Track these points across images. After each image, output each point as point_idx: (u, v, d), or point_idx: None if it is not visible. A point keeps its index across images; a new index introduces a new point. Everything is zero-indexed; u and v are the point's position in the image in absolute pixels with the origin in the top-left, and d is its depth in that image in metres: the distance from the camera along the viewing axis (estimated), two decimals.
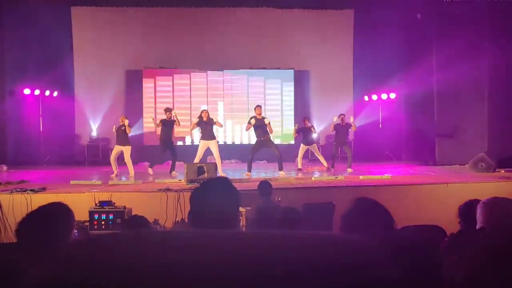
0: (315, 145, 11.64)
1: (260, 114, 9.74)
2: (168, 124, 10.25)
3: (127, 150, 10.15)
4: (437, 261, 1.89)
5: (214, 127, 10.15)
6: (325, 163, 11.17)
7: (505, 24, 10.65)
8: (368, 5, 13.74)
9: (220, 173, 9.64)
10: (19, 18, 12.73)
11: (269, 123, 9.68)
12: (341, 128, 10.96)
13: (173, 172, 10.01)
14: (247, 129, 9.99)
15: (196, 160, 9.67)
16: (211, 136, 9.97)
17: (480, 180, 8.31)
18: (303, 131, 11.19)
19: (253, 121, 9.62)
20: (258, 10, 14.43)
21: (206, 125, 9.96)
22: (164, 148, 10.33)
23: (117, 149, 10.18)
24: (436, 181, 8.18)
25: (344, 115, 11.19)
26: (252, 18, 14.44)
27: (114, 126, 10.40)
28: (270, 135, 9.87)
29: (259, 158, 14.06)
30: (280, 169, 9.71)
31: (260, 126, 9.66)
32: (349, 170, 10.32)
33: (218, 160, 9.79)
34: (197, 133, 11.84)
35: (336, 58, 14.83)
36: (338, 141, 11.05)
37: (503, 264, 1.13)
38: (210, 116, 10.19)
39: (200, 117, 10.00)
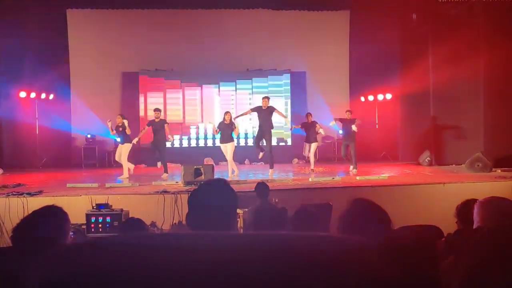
0: (314, 144, 11.13)
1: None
2: (156, 124, 10.09)
3: (126, 149, 9.97)
4: (434, 261, 1.89)
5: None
6: (312, 165, 10.97)
7: (500, 24, 10.68)
8: (364, 6, 13.76)
9: (236, 172, 9.88)
10: (15, 21, 12.67)
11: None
12: (347, 124, 10.71)
13: (163, 175, 9.86)
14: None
15: (229, 161, 9.92)
16: (229, 139, 10.02)
17: (477, 179, 8.35)
18: (304, 126, 11.02)
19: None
20: (254, 11, 14.44)
21: (226, 128, 9.99)
22: (153, 148, 10.21)
23: (119, 148, 10.08)
24: (433, 181, 8.20)
25: (350, 110, 11.02)
26: (249, 19, 14.44)
27: (110, 123, 10.12)
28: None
29: (255, 160, 14.07)
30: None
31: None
32: (355, 170, 10.38)
33: (230, 161, 9.96)
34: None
35: (332, 59, 14.84)
36: (346, 139, 10.81)
37: (500, 263, 1.13)
38: (232, 120, 10.20)
39: (223, 119, 10.03)
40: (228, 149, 9.95)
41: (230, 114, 10.12)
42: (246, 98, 14.69)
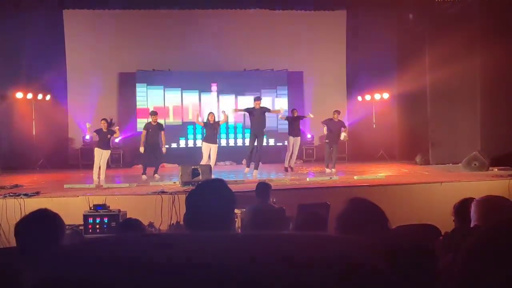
0: (298, 138, 11.02)
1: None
2: (154, 128, 10.16)
3: (107, 155, 10.12)
4: (431, 261, 1.90)
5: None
6: (291, 163, 10.92)
7: (497, 23, 10.71)
8: (360, 6, 13.78)
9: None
10: (11, 21, 12.64)
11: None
12: (334, 125, 10.64)
13: (155, 175, 9.91)
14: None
15: (204, 162, 9.77)
16: (214, 140, 10.09)
17: (474, 178, 8.37)
18: (289, 120, 11.03)
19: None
20: (251, 11, 14.43)
21: (211, 128, 10.04)
22: (149, 151, 10.14)
23: (99, 152, 9.99)
24: (430, 181, 8.22)
25: (338, 111, 10.88)
26: (246, 19, 14.44)
27: (89, 126, 10.30)
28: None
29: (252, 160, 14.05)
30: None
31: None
32: (333, 170, 10.36)
33: (212, 164, 9.89)
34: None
35: (329, 58, 14.86)
36: (330, 140, 10.67)
37: (497, 261, 1.14)
38: (216, 120, 10.34)
39: (207, 119, 10.10)
40: (212, 151, 9.98)
41: (213, 115, 10.22)
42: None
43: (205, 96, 14.61)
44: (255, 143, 9.93)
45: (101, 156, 9.95)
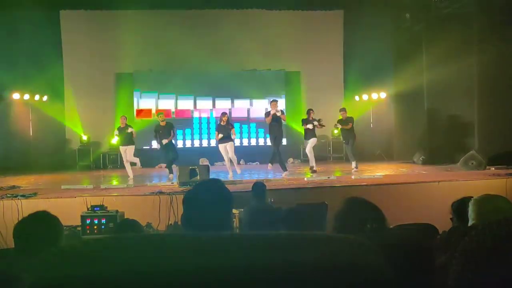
0: (312, 140, 10.61)
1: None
2: (163, 129, 10.19)
3: (131, 150, 10.35)
4: (429, 259, 1.90)
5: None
6: (311, 162, 10.65)
7: (493, 22, 10.74)
8: (357, 5, 13.80)
9: (238, 172, 9.96)
10: (8, 22, 12.61)
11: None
12: (343, 123, 10.74)
13: (170, 175, 10.02)
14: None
15: (227, 161, 10.02)
16: (226, 140, 10.03)
17: (471, 178, 8.38)
18: (305, 123, 10.63)
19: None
20: (248, 12, 14.43)
21: (224, 129, 10.03)
22: (162, 151, 10.36)
23: (122, 149, 10.39)
24: (428, 180, 8.24)
25: (342, 109, 10.99)
26: (243, 20, 14.43)
27: (116, 132, 10.47)
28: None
29: (251, 160, 14.06)
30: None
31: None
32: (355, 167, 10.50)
33: (234, 159, 10.05)
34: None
35: (326, 58, 14.87)
36: (344, 137, 11.06)
37: (494, 260, 1.14)
38: (229, 121, 10.39)
39: (220, 120, 10.08)
40: (228, 149, 9.99)
41: (227, 116, 10.18)
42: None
43: (202, 95, 14.61)
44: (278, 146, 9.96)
45: (125, 153, 10.29)
